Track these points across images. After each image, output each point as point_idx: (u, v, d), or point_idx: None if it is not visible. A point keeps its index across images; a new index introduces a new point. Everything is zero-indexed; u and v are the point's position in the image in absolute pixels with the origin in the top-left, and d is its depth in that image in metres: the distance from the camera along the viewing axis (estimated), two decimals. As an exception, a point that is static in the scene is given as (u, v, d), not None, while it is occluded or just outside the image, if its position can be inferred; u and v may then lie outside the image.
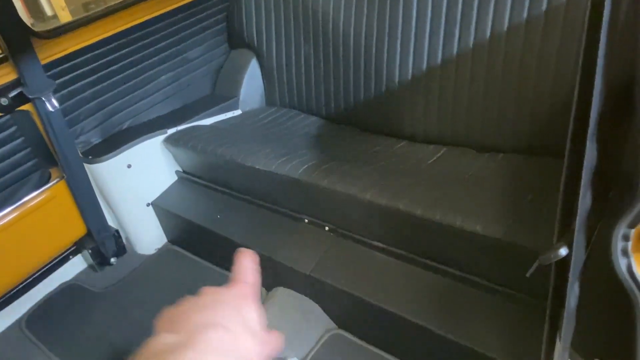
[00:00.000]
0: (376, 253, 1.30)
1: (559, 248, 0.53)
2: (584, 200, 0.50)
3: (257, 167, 1.41)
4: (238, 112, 1.89)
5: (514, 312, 1.07)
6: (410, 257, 1.24)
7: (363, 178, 1.26)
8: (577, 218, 0.49)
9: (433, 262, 1.20)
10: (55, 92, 1.47)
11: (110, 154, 1.56)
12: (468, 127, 1.52)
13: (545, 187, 1.16)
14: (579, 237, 0.51)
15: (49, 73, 1.44)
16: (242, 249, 0.47)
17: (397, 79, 1.57)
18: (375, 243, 1.30)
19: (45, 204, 1.53)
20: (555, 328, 0.67)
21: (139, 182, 1.68)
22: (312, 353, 1.33)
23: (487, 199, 1.15)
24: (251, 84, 1.92)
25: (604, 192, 0.58)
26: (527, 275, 0.64)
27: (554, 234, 0.59)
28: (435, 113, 1.56)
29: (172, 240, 1.83)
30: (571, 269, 0.53)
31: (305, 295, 1.41)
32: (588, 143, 0.45)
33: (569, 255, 0.53)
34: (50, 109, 1.39)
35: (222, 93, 1.94)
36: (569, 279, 0.55)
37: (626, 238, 0.52)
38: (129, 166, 1.62)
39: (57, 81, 1.48)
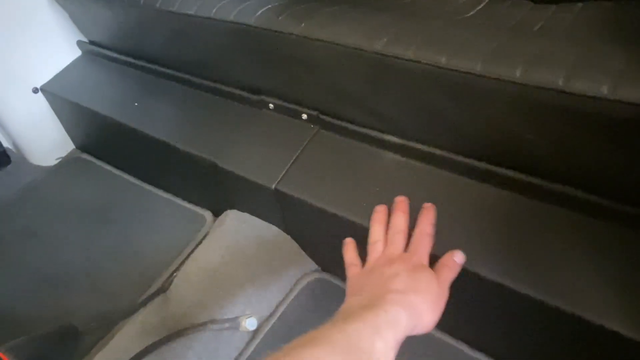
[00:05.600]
0: (387, 153, 0.79)
1: None
2: None
3: (186, 12, 0.84)
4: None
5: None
6: (447, 158, 0.73)
7: (366, 22, 0.71)
8: None
9: (489, 163, 0.70)
10: None
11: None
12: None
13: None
14: None
15: None
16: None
17: None
18: (387, 137, 0.78)
19: None
20: None
21: (15, 54, 1.09)
22: (282, 308, 0.86)
23: (593, 50, 0.62)
24: None
25: None
26: None
27: None
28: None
29: (81, 147, 1.28)
30: None
31: (271, 222, 0.91)
32: None
33: None
34: None
35: None
36: None
37: None
38: (-9, 25, 1.03)
39: None
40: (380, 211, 0.67)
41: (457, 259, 0.60)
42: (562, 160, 0.62)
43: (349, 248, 0.69)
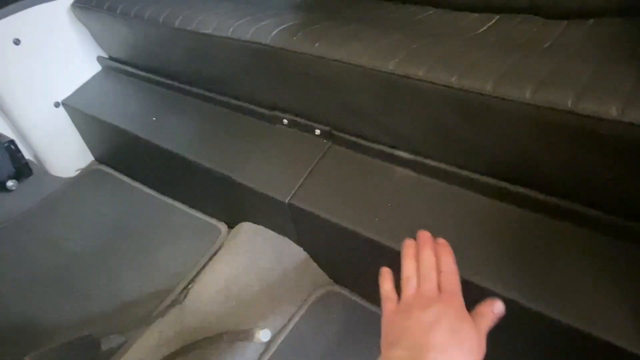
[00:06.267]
0: (399, 169, 0.81)
1: None
2: None
3: (204, 32, 0.87)
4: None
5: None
6: (458, 174, 0.74)
7: (379, 42, 0.73)
8: None
9: (500, 180, 0.71)
10: None
11: (-19, 21, 1.01)
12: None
13: None
14: None
15: None
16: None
17: None
18: (398, 153, 0.80)
19: None
20: None
21: (38, 69, 1.13)
22: (295, 320, 0.87)
23: (603, 70, 0.63)
24: None
25: None
26: None
27: None
28: (484, -40, 1.01)
29: (100, 159, 1.32)
30: None
31: (285, 235, 0.93)
32: None
33: None
34: None
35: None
36: None
37: None
38: (17, 42, 1.07)
39: None
40: (410, 245, 0.64)
41: (496, 310, 0.55)
42: (574, 178, 0.63)
43: (386, 279, 0.65)
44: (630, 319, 0.58)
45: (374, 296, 0.87)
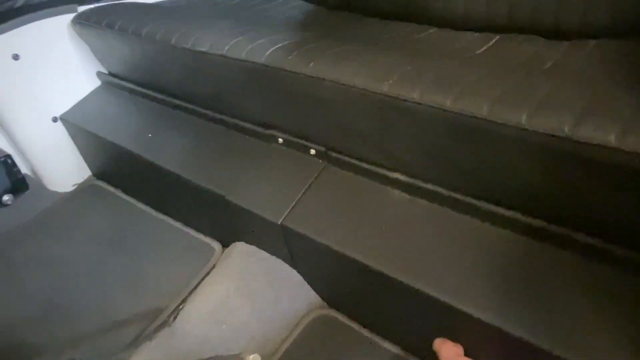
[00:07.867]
0: (393, 191, 0.79)
1: None
2: None
3: (200, 49, 0.86)
4: (191, -8, 1.32)
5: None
6: (453, 198, 0.72)
7: (374, 62, 0.72)
8: None
9: (495, 205, 0.69)
10: None
11: (-20, 36, 1.01)
12: (537, 4, 0.97)
13: None
14: None
15: None
16: None
17: None
18: (393, 174, 0.78)
19: None
20: None
21: (36, 84, 1.13)
22: (287, 345, 0.85)
23: (602, 94, 0.61)
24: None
25: None
26: None
27: None
28: (485, -19, 1.01)
29: (97, 174, 1.31)
30: None
31: (279, 256, 0.91)
32: None
33: None
34: None
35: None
36: None
37: None
38: (16, 57, 1.07)
39: None
40: None
41: None
42: (571, 205, 0.61)
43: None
44: (633, 352, 0.55)
45: (369, 321, 0.85)
